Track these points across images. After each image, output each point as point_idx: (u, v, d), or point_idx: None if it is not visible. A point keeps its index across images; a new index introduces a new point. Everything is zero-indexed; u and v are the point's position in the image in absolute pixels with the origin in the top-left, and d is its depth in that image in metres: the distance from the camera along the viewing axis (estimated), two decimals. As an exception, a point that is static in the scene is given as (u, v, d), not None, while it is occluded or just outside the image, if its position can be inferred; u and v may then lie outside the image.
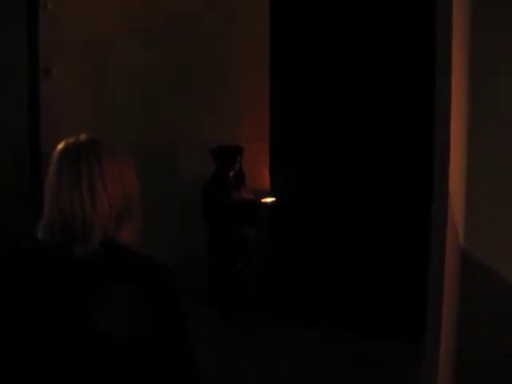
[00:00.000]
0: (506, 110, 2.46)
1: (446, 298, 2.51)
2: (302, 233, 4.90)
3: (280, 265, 5.00)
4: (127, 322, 1.43)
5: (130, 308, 1.44)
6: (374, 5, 4.52)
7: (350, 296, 4.63)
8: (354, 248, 4.65)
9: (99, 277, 1.46)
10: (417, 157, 4.14)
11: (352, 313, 4.57)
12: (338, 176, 4.77)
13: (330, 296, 4.71)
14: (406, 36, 4.34)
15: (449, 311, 2.52)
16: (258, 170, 5.05)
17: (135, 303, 1.44)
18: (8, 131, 5.03)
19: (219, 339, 4.35)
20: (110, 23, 5.29)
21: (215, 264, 4.92)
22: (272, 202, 4.94)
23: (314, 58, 4.82)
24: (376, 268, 4.53)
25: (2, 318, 1.49)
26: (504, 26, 2.40)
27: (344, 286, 4.66)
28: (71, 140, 1.55)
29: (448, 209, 2.54)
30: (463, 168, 2.55)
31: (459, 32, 2.43)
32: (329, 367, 3.93)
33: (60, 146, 1.55)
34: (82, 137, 1.55)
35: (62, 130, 1.63)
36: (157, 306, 1.47)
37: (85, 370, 1.44)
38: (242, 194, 4.90)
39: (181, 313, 1.52)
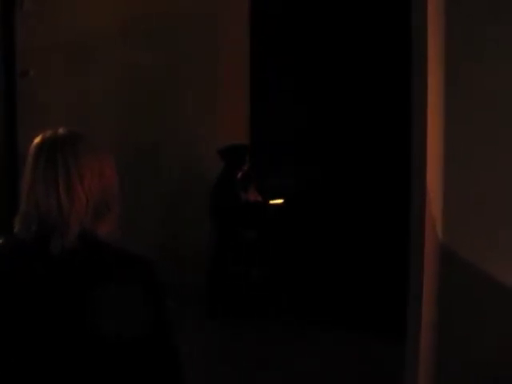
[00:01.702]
0: (480, 106, 2.50)
1: (425, 295, 2.54)
2: (285, 235, 4.90)
3: (277, 265, 4.99)
4: (120, 321, 1.43)
5: (121, 307, 1.43)
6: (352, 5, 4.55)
7: (344, 296, 4.64)
8: (337, 250, 4.68)
9: (91, 276, 1.45)
10: (394, 157, 4.18)
11: (348, 313, 4.58)
12: (319, 178, 4.79)
13: (326, 297, 4.71)
14: (383, 35, 4.37)
15: (428, 307, 2.55)
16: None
17: (127, 302, 1.44)
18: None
19: (218, 339, 4.34)
20: (91, 23, 5.25)
21: (218, 264, 4.85)
22: (281, 203, 4.87)
23: (294, 64, 4.84)
24: (362, 267, 4.56)
25: None
26: (479, 23, 2.44)
27: (336, 286, 4.67)
28: (48, 133, 1.53)
29: (426, 206, 2.57)
30: (440, 165, 2.58)
31: (434, 27, 2.46)
32: (328, 367, 3.96)
33: (37, 139, 1.53)
34: (60, 130, 1.53)
35: (40, 131, 1.61)
36: (147, 305, 1.47)
37: (71, 370, 1.44)
38: (249, 196, 4.83)
39: (167, 311, 1.53)
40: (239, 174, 4.78)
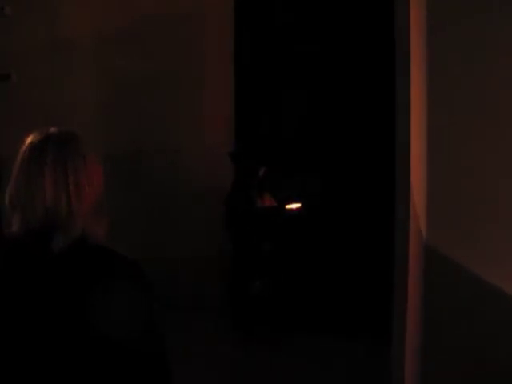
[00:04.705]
0: (463, 106, 2.52)
1: (410, 294, 2.55)
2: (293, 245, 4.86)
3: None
4: (115, 321, 1.43)
5: (117, 307, 1.43)
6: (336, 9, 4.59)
7: (334, 301, 4.63)
8: (330, 256, 4.69)
9: (88, 276, 1.45)
10: (379, 164, 4.20)
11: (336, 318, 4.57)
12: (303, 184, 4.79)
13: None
14: (366, 40, 4.41)
15: (413, 307, 2.56)
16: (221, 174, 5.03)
17: (123, 302, 1.44)
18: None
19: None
20: (74, 27, 5.24)
21: (238, 276, 4.73)
22: (297, 208, 4.72)
23: (278, 70, 4.86)
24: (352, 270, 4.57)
25: None
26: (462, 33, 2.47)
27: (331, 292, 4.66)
28: (50, 129, 1.52)
29: (411, 209, 2.58)
30: (424, 168, 2.60)
31: (416, 24, 2.49)
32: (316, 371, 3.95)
33: (36, 136, 1.52)
34: (52, 129, 1.53)
35: (20, 136, 1.60)
36: (141, 305, 1.48)
37: (65, 369, 1.43)
38: (264, 201, 4.67)
39: (156, 313, 1.52)
40: (255, 180, 4.65)
